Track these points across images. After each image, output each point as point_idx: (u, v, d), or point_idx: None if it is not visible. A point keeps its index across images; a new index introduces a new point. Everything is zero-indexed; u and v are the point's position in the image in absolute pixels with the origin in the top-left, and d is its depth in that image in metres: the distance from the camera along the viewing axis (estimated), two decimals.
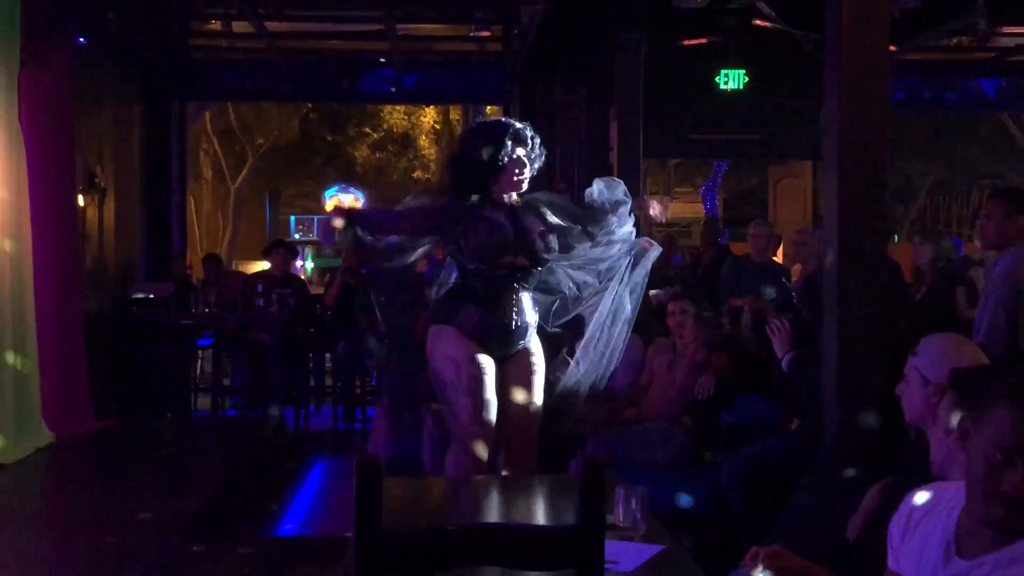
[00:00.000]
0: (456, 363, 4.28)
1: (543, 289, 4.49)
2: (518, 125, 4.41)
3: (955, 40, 10.97)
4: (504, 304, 4.33)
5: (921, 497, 1.96)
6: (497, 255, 4.27)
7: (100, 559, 4.20)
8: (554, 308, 4.54)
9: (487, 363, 4.30)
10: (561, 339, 4.59)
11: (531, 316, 4.42)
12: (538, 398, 4.43)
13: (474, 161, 4.32)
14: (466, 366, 4.27)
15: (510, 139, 4.32)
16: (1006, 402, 1.72)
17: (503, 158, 4.30)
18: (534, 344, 4.46)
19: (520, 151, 4.34)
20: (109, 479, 5.87)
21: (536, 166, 4.43)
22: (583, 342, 4.52)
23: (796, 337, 4.72)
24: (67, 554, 4.32)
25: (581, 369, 4.55)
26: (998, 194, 4.89)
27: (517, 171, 4.34)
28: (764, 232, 7.67)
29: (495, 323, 4.32)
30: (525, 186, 4.40)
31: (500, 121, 4.54)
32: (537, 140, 4.43)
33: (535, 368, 4.43)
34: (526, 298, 4.40)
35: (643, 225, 5.05)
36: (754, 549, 2.64)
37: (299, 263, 16.12)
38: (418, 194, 4.66)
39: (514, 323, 4.35)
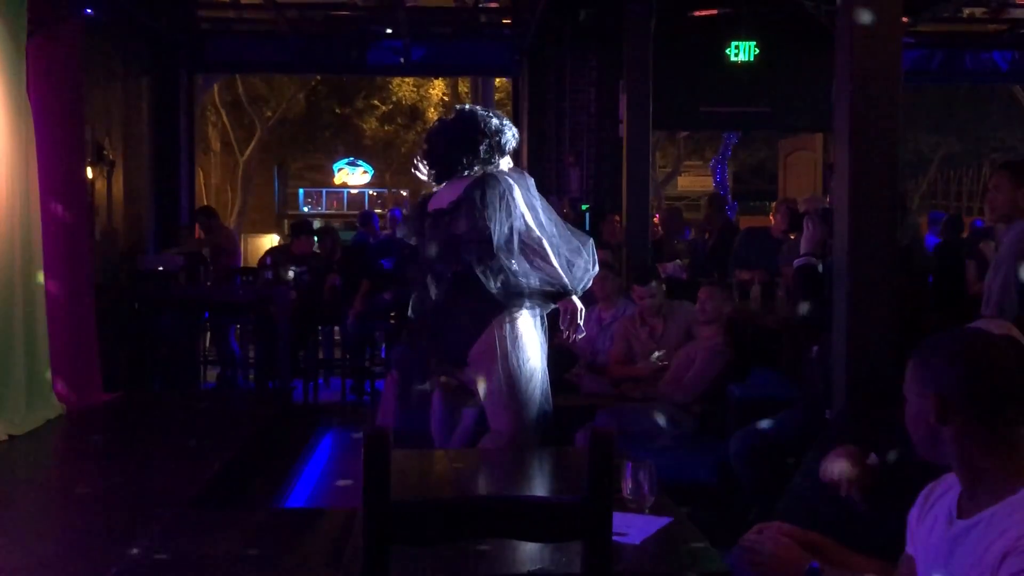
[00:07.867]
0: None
1: None
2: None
3: (967, 11, 10.88)
4: None
5: (935, 485, 2.03)
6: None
7: (111, 529, 4.22)
8: None
9: None
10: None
11: None
12: None
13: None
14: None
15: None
16: None
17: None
18: None
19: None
20: (119, 451, 5.90)
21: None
22: None
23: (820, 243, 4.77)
24: (78, 524, 4.34)
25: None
26: (1005, 166, 4.86)
27: None
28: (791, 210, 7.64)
29: None
30: None
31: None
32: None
33: None
34: None
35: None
36: (757, 526, 2.65)
37: None
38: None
39: None
